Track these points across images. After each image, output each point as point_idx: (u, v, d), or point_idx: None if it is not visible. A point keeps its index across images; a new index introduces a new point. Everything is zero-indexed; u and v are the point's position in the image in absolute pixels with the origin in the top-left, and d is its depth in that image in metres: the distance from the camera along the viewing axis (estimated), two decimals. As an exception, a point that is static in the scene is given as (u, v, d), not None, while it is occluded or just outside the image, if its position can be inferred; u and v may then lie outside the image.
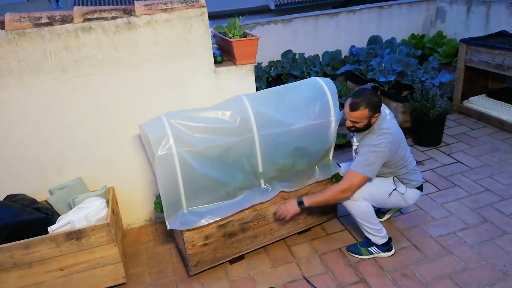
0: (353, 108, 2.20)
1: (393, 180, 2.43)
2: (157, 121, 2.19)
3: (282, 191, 2.46)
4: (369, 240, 2.46)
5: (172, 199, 2.20)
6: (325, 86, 2.46)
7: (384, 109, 2.33)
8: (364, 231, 2.45)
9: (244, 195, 2.37)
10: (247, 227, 2.44)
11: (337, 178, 2.61)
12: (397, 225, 2.77)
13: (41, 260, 2.16)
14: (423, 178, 3.29)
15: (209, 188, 2.25)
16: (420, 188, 2.49)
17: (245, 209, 2.37)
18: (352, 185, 2.24)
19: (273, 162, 2.37)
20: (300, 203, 2.32)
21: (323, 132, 2.47)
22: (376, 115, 2.24)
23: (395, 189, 2.40)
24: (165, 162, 2.09)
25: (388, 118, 2.32)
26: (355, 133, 2.42)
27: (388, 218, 2.83)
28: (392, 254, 2.48)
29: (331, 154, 2.63)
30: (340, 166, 2.64)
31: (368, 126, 2.27)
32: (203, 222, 2.25)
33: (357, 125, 2.26)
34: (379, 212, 2.81)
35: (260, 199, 2.38)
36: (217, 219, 2.29)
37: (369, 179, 2.26)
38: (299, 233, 2.72)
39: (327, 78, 2.54)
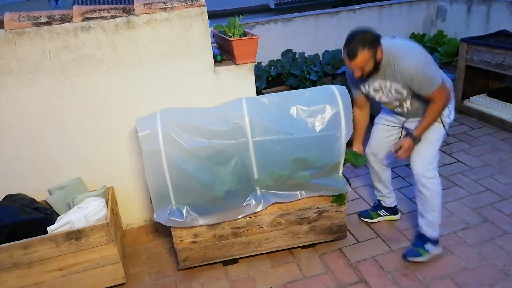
0: (352, 55, 2.05)
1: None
2: (151, 117, 2.19)
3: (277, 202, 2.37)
4: (421, 238, 2.40)
5: (160, 193, 2.19)
6: (338, 96, 2.26)
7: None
8: (423, 225, 2.38)
9: (234, 203, 2.30)
10: (239, 232, 2.40)
11: (337, 199, 2.43)
12: (397, 225, 2.76)
13: (40, 260, 2.16)
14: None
15: (197, 189, 2.20)
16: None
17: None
18: (444, 99, 2.14)
19: (268, 171, 2.24)
20: (411, 135, 2.26)
21: (330, 146, 2.26)
22: (378, 49, 2.07)
23: (442, 123, 2.28)
24: (152, 157, 2.10)
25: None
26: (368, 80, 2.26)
27: (379, 221, 2.80)
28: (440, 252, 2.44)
29: (340, 170, 2.37)
30: (350, 184, 2.41)
31: (377, 64, 2.11)
32: (189, 223, 2.25)
33: (366, 70, 2.10)
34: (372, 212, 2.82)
35: (250, 211, 2.31)
36: (202, 224, 2.29)
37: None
38: (302, 247, 2.58)
39: (343, 87, 2.32)
